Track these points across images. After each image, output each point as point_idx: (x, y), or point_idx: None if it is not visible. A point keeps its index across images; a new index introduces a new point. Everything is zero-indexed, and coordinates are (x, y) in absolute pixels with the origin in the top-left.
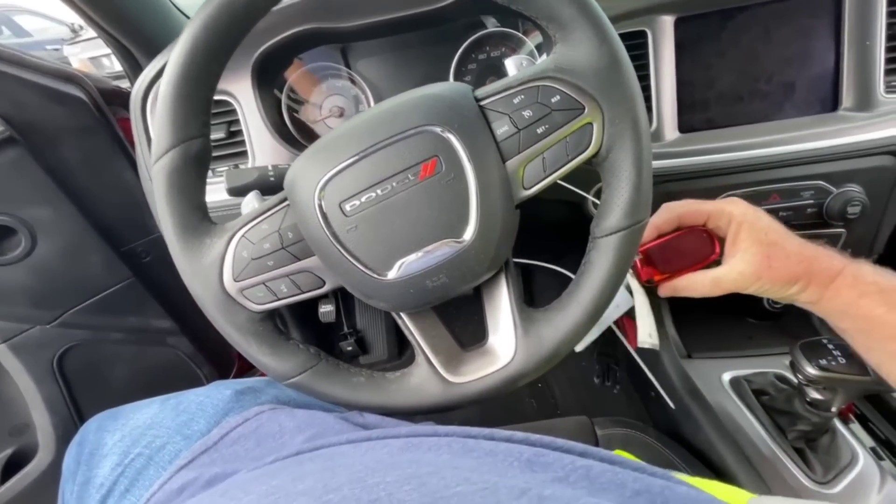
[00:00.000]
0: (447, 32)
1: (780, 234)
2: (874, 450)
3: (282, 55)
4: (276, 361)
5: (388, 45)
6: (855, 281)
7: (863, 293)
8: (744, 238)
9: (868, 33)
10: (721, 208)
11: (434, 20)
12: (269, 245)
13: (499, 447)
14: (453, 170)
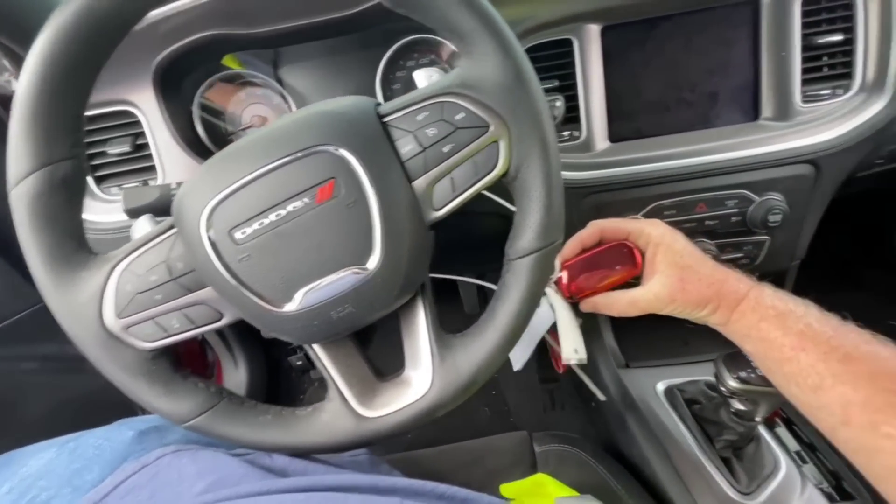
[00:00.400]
0: (377, 37)
1: (695, 257)
2: (798, 454)
3: (189, 62)
4: (170, 403)
5: (318, 50)
6: (756, 305)
7: (762, 317)
8: (660, 260)
9: (784, 44)
10: (640, 229)
11: (349, 27)
12: (157, 277)
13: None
14: (353, 192)
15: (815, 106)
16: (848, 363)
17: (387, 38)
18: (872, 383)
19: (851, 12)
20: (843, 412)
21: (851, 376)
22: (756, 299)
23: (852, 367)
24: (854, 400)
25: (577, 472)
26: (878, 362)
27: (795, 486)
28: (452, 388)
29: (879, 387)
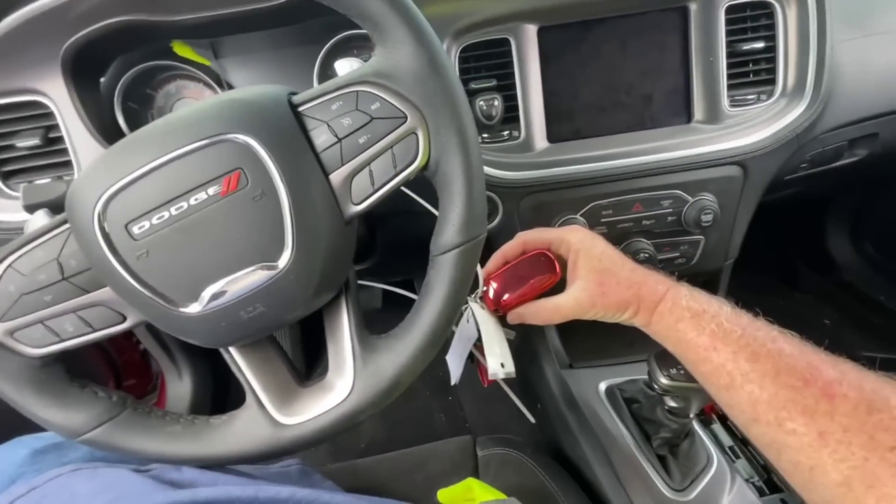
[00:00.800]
0: (317, 31)
1: (613, 261)
2: (731, 449)
3: (104, 49)
4: (61, 415)
5: (260, 43)
6: (673, 306)
7: (679, 318)
8: (581, 266)
9: (711, 50)
10: (560, 237)
11: (283, 19)
12: (46, 276)
13: None
14: (261, 184)
15: (742, 110)
16: (755, 362)
17: (326, 31)
18: (776, 381)
19: (773, 21)
20: (752, 410)
21: (758, 375)
22: (673, 300)
23: (758, 365)
24: (761, 398)
25: (516, 476)
26: (783, 359)
27: (726, 481)
28: (374, 392)
29: (782, 384)
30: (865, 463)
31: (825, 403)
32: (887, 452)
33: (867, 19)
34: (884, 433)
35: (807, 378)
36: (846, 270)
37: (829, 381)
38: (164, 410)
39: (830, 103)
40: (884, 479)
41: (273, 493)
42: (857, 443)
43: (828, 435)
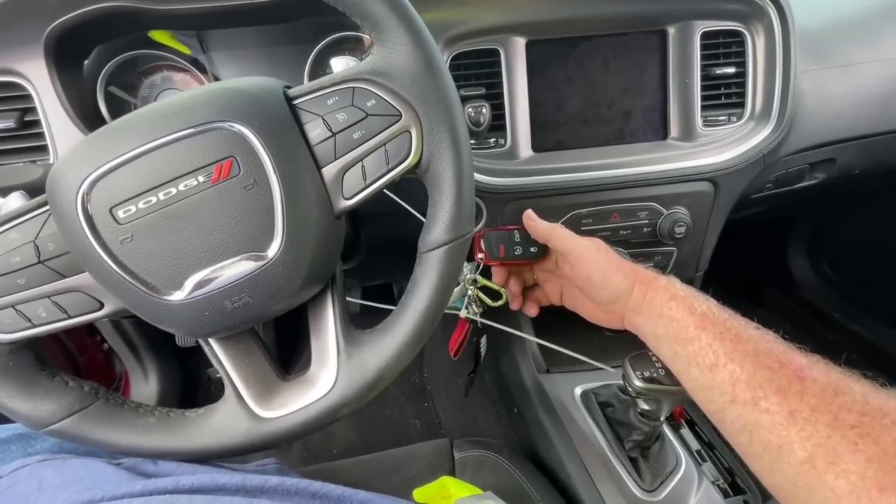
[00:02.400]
0: (308, 31)
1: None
2: (699, 452)
3: (88, 35)
4: (28, 405)
5: (250, 39)
6: (668, 285)
7: (672, 296)
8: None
9: (687, 72)
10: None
11: (275, 16)
12: (20, 259)
13: None
14: (253, 173)
15: (714, 130)
16: (738, 343)
17: (318, 32)
18: (756, 361)
19: (743, 49)
20: (732, 389)
21: (739, 355)
22: (667, 281)
23: (741, 346)
24: (741, 377)
25: (493, 477)
26: (762, 343)
27: (693, 483)
28: (357, 386)
29: (761, 364)
30: (828, 440)
31: (797, 384)
32: (848, 430)
33: (827, 52)
34: (846, 413)
35: (782, 361)
36: (805, 288)
37: (800, 365)
38: (137, 402)
39: (794, 128)
40: (843, 455)
41: (261, 481)
42: (822, 421)
43: (797, 413)
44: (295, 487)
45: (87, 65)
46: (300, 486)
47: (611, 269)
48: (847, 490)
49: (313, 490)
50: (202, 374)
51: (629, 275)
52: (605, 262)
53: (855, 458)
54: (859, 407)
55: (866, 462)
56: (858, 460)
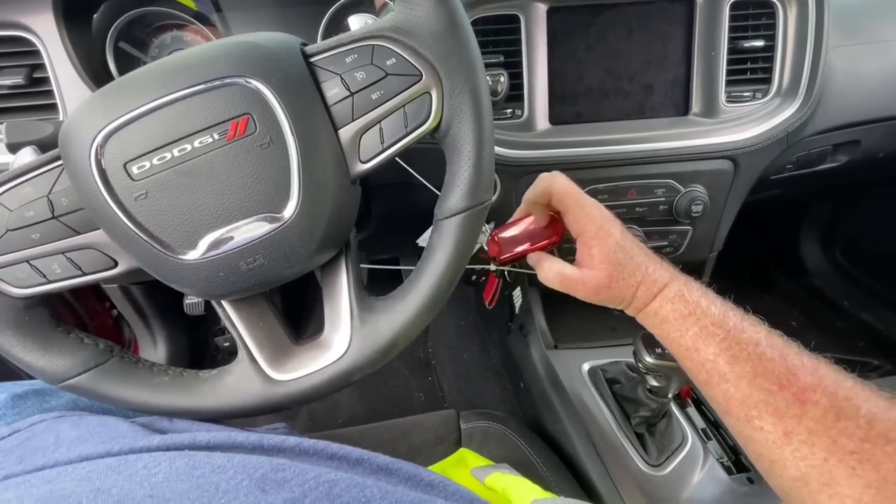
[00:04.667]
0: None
1: (625, 251)
2: (704, 430)
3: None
4: (45, 359)
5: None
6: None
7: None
8: (596, 255)
9: (714, 44)
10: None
11: None
12: (35, 213)
13: (231, 461)
14: (270, 132)
15: (738, 106)
16: (734, 364)
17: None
18: (752, 384)
19: (773, 21)
20: (726, 405)
21: (735, 377)
22: (662, 301)
23: (737, 367)
24: (735, 397)
25: (499, 448)
26: (762, 363)
27: (699, 459)
28: (371, 351)
29: (757, 386)
30: (825, 463)
31: (796, 408)
32: (846, 455)
33: (860, 27)
34: (847, 439)
35: (783, 383)
36: (815, 276)
37: (803, 387)
38: (151, 362)
39: (820, 106)
40: (839, 479)
41: (278, 441)
42: (819, 444)
43: (792, 435)
44: (313, 448)
45: (96, 21)
46: (318, 448)
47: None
48: None
49: (331, 452)
50: (210, 343)
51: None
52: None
53: (852, 483)
54: (861, 433)
55: (864, 488)
56: (855, 485)
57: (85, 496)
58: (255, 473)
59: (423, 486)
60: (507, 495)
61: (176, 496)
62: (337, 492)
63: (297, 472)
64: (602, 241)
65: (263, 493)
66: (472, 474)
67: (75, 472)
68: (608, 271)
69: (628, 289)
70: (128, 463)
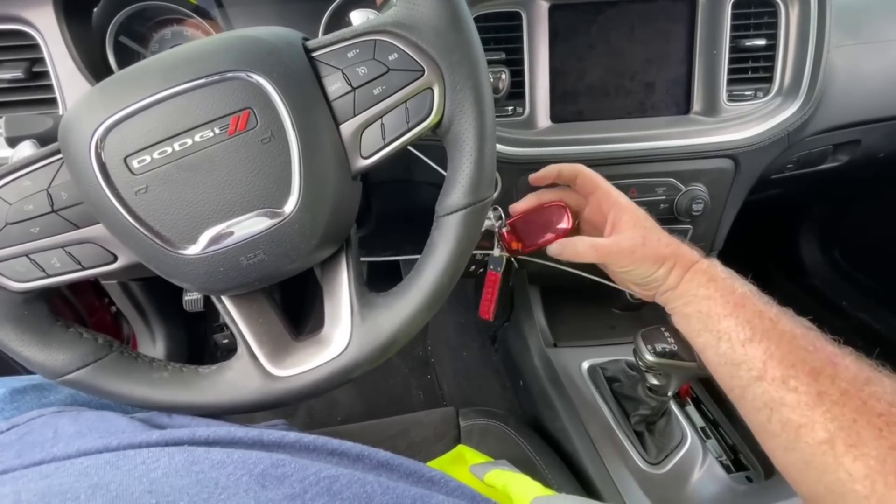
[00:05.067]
0: None
1: (654, 223)
2: (703, 429)
3: None
4: (44, 354)
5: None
6: (708, 267)
7: (712, 277)
8: (626, 221)
9: (716, 43)
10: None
11: None
12: (34, 207)
13: (231, 457)
14: (271, 126)
15: (739, 105)
16: (775, 323)
17: None
18: (792, 341)
19: (775, 20)
20: (763, 366)
21: (777, 334)
22: (708, 265)
23: (778, 326)
24: (775, 354)
25: (499, 446)
26: (799, 328)
27: (698, 458)
28: (371, 348)
29: (797, 344)
30: (853, 424)
31: (830, 368)
32: (875, 417)
33: (862, 27)
34: (876, 401)
35: (817, 345)
36: (814, 275)
37: (833, 352)
38: (151, 357)
39: (821, 106)
40: (866, 439)
41: (278, 436)
42: (850, 405)
43: (825, 395)
44: (313, 444)
45: (96, 15)
46: (318, 443)
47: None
48: (863, 473)
49: (331, 448)
50: (209, 340)
51: (668, 260)
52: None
53: (878, 444)
54: (889, 397)
55: (889, 449)
56: (881, 446)
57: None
58: (254, 469)
59: (424, 482)
60: (508, 493)
61: (175, 491)
62: (338, 487)
63: (298, 468)
64: (633, 210)
65: (263, 488)
66: (470, 471)
67: (73, 468)
68: (642, 232)
69: (667, 248)
70: (126, 458)
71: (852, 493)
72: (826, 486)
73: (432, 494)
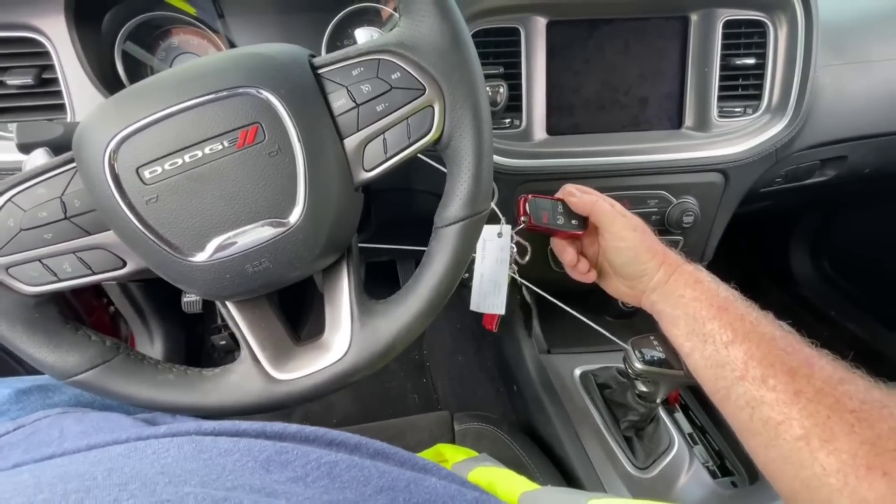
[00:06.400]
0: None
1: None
2: (691, 435)
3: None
4: (54, 356)
5: (267, 6)
6: (694, 269)
7: (698, 279)
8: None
9: (707, 61)
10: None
11: None
12: (48, 214)
13: (237, 445)
14: (278, 140)
15: (729, 121)
16: (756, 326)
17: (338, 2)
18: (771, 343)
19: (765, 39)
20: (744, 366)
21: (757, 336)
22: (693, 268)
23: (759, 328)
24: (755, 355)
25: (492, 449)
26: (778, 331)
27: (685, 463)
28: (370, 353)
29: (776, 346)
30: (827, 420)
31: (806, 368)
32: (847, 413)
33: (848, 47)
34: (849, 399)
35: (794, 347)
36: (803, 285)
37: (810, 353)
38: (156, 359)
39: (808, 123)
40: (839, 435)
41: (280, 427)
42: (824, 403)
43: (802, 393)
44: (314, 434)
45: (105, 23)
46: (318, 434)
47: (642, 248)
48: (836, 467)
49: (331, 438)
50: (206, 342)
51: (658, 256)
52: (638, 241)
53: (850, 439)
54: (861, 395)
55: (860, 443)
56: (853, 441)
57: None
58: (259, 456)
59: (418, 469)
60: (495, 489)
61: (186, 473)
62: (337, 472)
63: (300, 455)
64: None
65: (268, 472)
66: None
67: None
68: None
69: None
70: (137, 449)
71: (826, 486)
72: (802, 480)
73: (426, 478)
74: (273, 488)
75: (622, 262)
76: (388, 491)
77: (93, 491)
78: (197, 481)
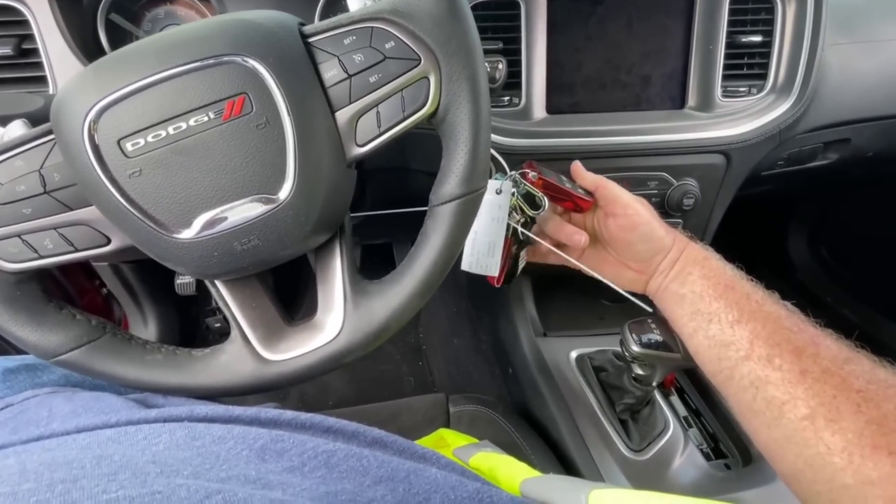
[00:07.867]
0: None
1: None
2: (686, 418)
3: None
4: (37, 335)
5: None
6: (703, 248)
7: (707, 256)
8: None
9: (712, 38)
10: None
11: None
12: (26, 187)
13: (231, 432)
14: (266, 112)
15: (733, 101)
16: (762, 305)
17: None
18: (777, 322)
19: (772, 16)
20: (750, 345)
21: (763, 315)
22: (702, 246)
23: (765, 308)
24: (761, 334)
25: (487, 431)
26: (784, 311)
27: (679, 446)
28: (363, 333)
29: (781, 325)
30: (833, 400)
31: (812, 348)
32: (853, 393)
33: (857, 26)
34: (855, 379)
35: (800, 326)
36: (801, 271)
37: (815, 333)
38: (144, 339)
39: (813, 104)
40: (845, 414)
41: (275, 414)
42: (830, 383)
43: (808, 373)
44: (310, 422)
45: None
46: (314, 421)
47: (656, 222)
48: (841, 446)
49: (328, 425)
50: (200, 324)
51: (671, 231)
52: (651, 215)
53: (856, 419)
54: (867, 375)
55: (865, 423)
56: (859, 420)
57: (88, 461)
58: (254, 444)
59: (417, 458)
60: (495, 475)
61: (178, 463)
62: (335, 461)
63: (296, 443)
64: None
65: (263, 461)
66: (454, 454)
67: (75, 443)
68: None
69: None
70: (128, 434)
71: (830, 465)
72: (805, 460)
73: (426, 468)
74: (268, 479)
75: (636, 240)
76: (387, 481)
77: (80, 481)
78: (189, 471)
